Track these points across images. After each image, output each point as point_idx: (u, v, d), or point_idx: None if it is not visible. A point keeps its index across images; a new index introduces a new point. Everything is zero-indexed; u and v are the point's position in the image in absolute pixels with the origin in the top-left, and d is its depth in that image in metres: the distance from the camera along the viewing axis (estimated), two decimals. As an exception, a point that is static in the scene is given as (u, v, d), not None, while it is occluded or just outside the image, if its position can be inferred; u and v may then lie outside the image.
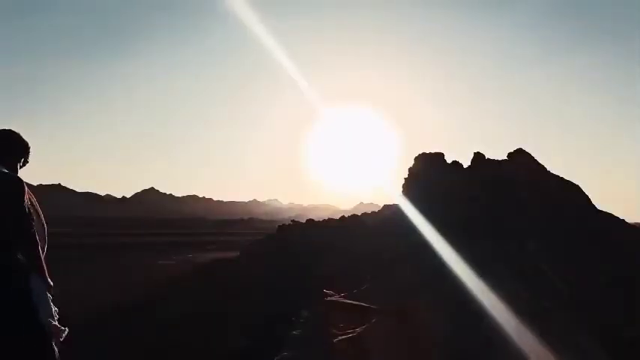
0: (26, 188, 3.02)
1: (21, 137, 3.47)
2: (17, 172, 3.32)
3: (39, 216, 3.12)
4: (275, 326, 7.35)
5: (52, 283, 2.99)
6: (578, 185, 11.61)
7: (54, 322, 2.98)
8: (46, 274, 3.02)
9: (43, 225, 3.16)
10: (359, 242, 16.88)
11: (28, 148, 3.52)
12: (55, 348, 2.87)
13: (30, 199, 3.12)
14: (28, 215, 3.03)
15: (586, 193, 11.68)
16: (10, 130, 3.50)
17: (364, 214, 28.10)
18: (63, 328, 2.99)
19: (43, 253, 3.02)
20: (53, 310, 2.95)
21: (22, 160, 3.44)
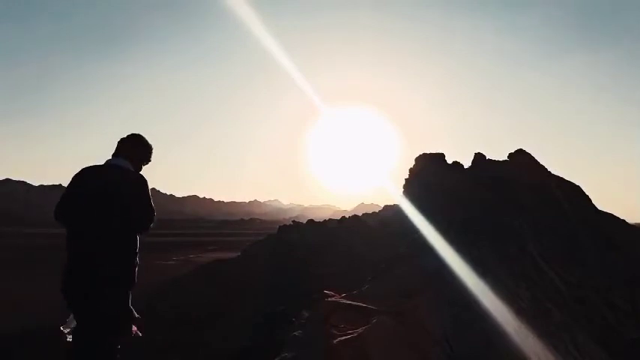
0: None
1: (148, 142, 4.29)
2: (140, 171, 4.12)
3: None
4: (275, 326, 7.35)
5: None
6: (578, 186, 11.62)
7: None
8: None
9: None
10: (359, 242, 16.87)
11: (151, 150, 4.34)
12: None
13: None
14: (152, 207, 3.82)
15: (587, 193, 11.69)
16: (140, 135, 4.25)
17: (365, 215, 28.09)
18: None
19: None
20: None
21: (146, 161, 4.27)
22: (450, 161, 13.12)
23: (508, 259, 7.99)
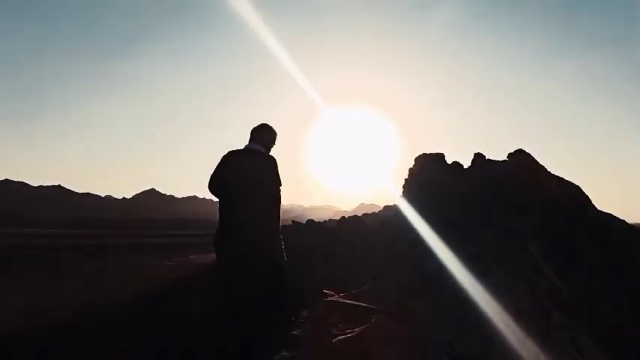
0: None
1: (273, 129, 5.31)
2: (269, 152, 5.12)
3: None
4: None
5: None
6: (578, 186, 11.58)
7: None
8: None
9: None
10: (359, 242, 16.85)
11: (276, 136, 5.39)
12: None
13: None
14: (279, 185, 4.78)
15: (587, 193, 11.65)
16: (267, 124, 5.23)
17: (365, 215, 28.05)
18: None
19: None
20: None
21: (272, 144, 5.33)
22: (449, 161, 13.10)
23: (508, 259, 7.97)
